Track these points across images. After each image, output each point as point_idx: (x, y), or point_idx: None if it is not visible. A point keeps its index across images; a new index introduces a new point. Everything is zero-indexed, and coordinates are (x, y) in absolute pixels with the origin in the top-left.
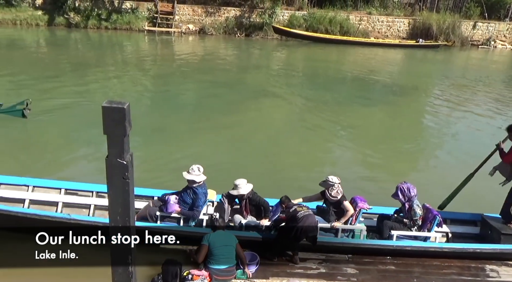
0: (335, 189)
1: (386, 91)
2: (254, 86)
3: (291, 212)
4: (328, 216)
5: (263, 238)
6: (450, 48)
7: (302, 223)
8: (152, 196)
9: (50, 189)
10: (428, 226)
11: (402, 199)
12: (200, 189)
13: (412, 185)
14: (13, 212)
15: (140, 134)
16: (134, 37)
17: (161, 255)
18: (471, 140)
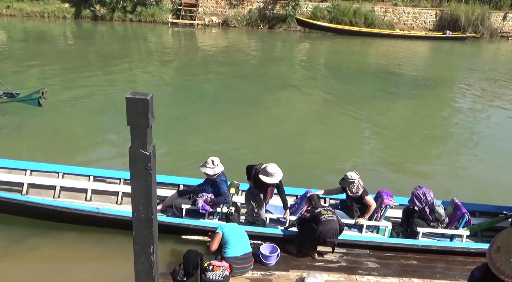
0: (355, 186)
1: (411, 84)
2: (277, 78)
3: (316, 213)
4: (352, 213)
5: (284, 234)
6: (478, 40)
7: (324, 227)
8: (178, 184)
9: (79, 176)
10: (455, 223)
11: (420, 205)
12: (219, 179)
13: (428, 189)
14: (44, 205)
15: (163, 124)
16: (158, 29)
17: (183, 246)
18: (499, 135)
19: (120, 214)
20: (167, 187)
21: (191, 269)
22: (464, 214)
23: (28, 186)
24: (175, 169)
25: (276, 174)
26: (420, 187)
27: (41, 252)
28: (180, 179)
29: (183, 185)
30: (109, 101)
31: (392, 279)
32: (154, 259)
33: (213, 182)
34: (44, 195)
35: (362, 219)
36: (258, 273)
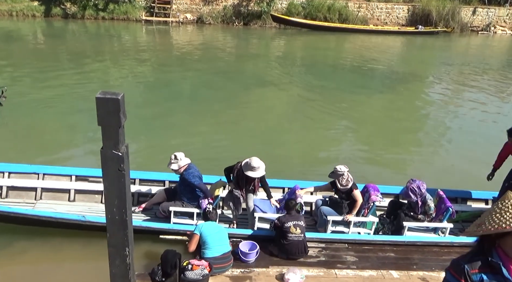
0: (345, 178)
1: (385, 78)
2: (253, 75)
3: (284, 228)
4: (340, 209)
5: (264, 234)
6: (449, 34)
7: (288, 246)
8: (163, 180)
9: (60, 176)
10: (440, 216)
11: (414, 198)
12: (186, 172)
13: (421, 181)
14: (28, 215)
15: (138, 122)
16: (131, 27)
17: (160, 246)
18: (471, 125)
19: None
20: (152, 184)
21: (169, 269)
22: (448, 208)
23: (8, 189)
24: (153, 167)
25: (260, 167)
26: (413, 180)
27: (28, 256)
28: (165, 175)
29: (169, 181)
30: (82, 100)
31: (371, 272)
32: (130, 261)
33: (183, 179)
34: (25, 197)
35: (350, 216)
36: (237, 270)
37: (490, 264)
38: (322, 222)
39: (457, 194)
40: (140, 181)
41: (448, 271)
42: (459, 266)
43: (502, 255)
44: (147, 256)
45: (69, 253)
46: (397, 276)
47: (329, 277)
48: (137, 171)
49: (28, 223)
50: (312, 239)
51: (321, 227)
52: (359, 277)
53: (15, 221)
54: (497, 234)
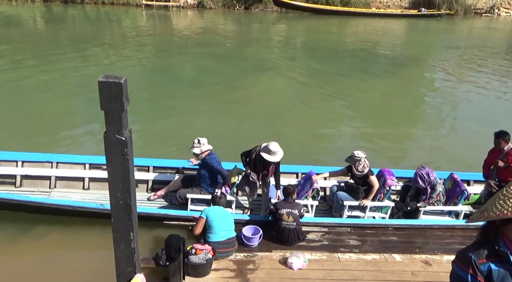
0: (361, 164)
1: (388, 62)
2: (255, 59)
3: (278, 215)
4: (356, 195)
5: (268, 220)
6: (453, 17)
7: (280, 233)
8: (177, 167)
9: (74, 165)
10: (454, 199)
11: (423, 185)
12: (209, 157)
13: (430, 168)
14: (46, 204)
15: (141, 107)
16: (131, 12)
17: (164, 231)
18: (476, 109)
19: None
20: (166, 171)
21: (173, 253)
22: (463, 191)
23: (21, 178)
24: (157, 153)
25: (278, 152)
26: (423, 167)
27: (47, 243)
28: (179, 162)
29: (183, 168)
30: (83, 85)
31: (373, 255)
32: (135, 245)
33: (205, 163)
34: (39, 186)
35: (366, 201)
36: (241, 254)
37: (497, 252)
38: (338, 207)
39: (469, 177)
40: (154, 168)
41: (455, 263)
42: (466, 257)
43: (509, 243)
44: (151, 241)
45: (89, 241)
46: (400, 260)
47: (332, 261)
48: (151, 159)
49: (46, 211)
50: (315, 223)
51: (337, 212)
52: (362, 261)
53: (31, 210)
54: (502, 221)
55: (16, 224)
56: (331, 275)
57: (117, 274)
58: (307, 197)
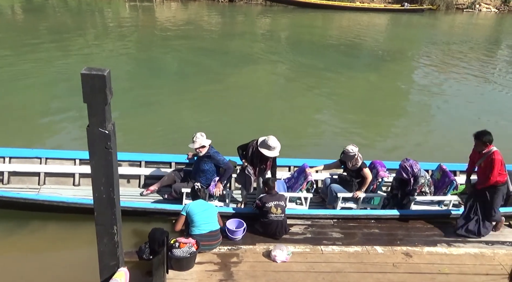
0: (355, 158)
1: (372, 56)
2: (239, 52)
3: (265, 208)
4: (350, 187)
5: (252, 213)
6: (435, 12)
7: (268, 227)
8: (170, 162)
9: (64, 160)
10: (444, 190)
11: (406, 177)
12: (212, 151)
13: (414, 161)
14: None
15: (125, 100)
16: (114, 4)
17: (148, 224)
18: (458, 101)
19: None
20: (158, 166)
21: (157, 246)
22: (452, 181)
23: (9, 175)
24: (143, 147)
25: (276, 147)
26: (407, 160)
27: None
28: (172, 157)
29: (175, 163)
30: (65, 77)
31: (356, 247)
32: (118, 239)
33: (208, 156)
34: (27, 182)
35: (359, 192)
36: (225, 248)
37: None
38: (332, 199)
39: (456, 168)
40: (146, 163)
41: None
42: None
43: None
44: (135, 235)
45: (82, 237)
46: (382, 252)
47: (315, 253)
48: (143, 153)
49: (38, 209)
50: (298, 215)
51: (331, 204)
52: (345, 253)
53: (22, 207)
54: None
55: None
56: (314, 267)
57: (100, 267)
58: (301, 190)
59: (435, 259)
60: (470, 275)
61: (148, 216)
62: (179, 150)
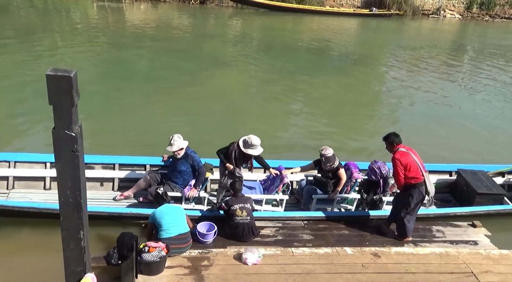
0: (332, 159)
1: (342, 60)
2: (210, 55)
3: (231, 211)
4: (326, 188)
5: (220, 215)
6: (402, 17)
7: (234, 230)
8: (144, 164)
9: (33, 164)
10: None
11: (375, 178)
12: (189, 151)
13: (382, 162)
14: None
15: (94, 103)
16: (82, 4)
17: (117, 229)
18: (424, 103)
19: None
20: (133, 168)
21: (126, 251)
22: None
23: None
24: (111, 150)
25: (259, 145)
26: (376, 162)
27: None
28: (146, 159)
29: (150, 166)
30: (30, 79)
31: (326, 249)
32: (85, 244)
33: (187, 157)
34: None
35: (334, 194)
36: (195, 251)
37: None
38: (307, 200)
39: (427, 168)
40: (120, 166)
41: None
42: None
43: None
44: (104, 240)
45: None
46: (351, 252)
47: (286, 255)
48: (117, 156)
49: (6, 214)
50: (269, 218)
51: (306, 205)
52: (315, 254)
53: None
54: None
55: None
56: (284, 269)
57: (66, 274)
58: (277, 192)
59: (402, 259)
60: (436, 274)
61: (117, 221)
62: (152, 152)
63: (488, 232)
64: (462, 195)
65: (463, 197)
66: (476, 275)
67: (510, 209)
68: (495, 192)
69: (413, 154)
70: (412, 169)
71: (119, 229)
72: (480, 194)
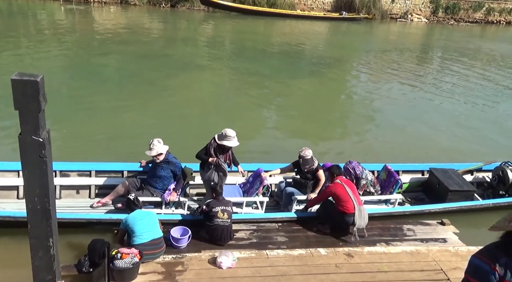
0: (310, 161)
1: (314, 63)
2: (182, 58)
3: (212, 213)
4: (305, 189)
5: (195, 219)
6: (371, 21)
7: (213, 232)
8: (121, 170)
9: (6, 172)
10: (390, 189)
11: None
12: (170, 156)
13: (357, 162)
14: None
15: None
16: (48, 7)
17: (88, 236)
18: (393, 105)
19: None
20: (110, 175)
21: (97, 258)
22: (397, 180)
23: None
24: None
25: (235, 136)
26: (350, 162)
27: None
28: (123, 165)
29: (127, 171)
30: None
31: (300, 250)
32: (54, 252)
33: (167, 162)
34: None
35: (313, 194)
36: (169, 256)
37: None
38: (287, 202)
39: (398, 168)
40: (97, 172)
41: (477, 257)
42: (489, 252)
43: None
44: (75, 248)
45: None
46: (325, 253)
47: (260, 258)
48: (93, 163)
49: None
50: (243, 220)
51: (286, 207)
52: (289, 256)
53: None
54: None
55: None
56: (259, 272)
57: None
58: (258, 194)
59: (375, 258)
60: (407, 272)
61: (89, 228)
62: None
63: (456, 229)
64: (435, 193)
65: (435, 195)
66: (446, 271)
67: (481, 205)
68: (465, 189)
69: (348, 187)
70: (343, 200)
71: (91, 236)
72: (452, 191)
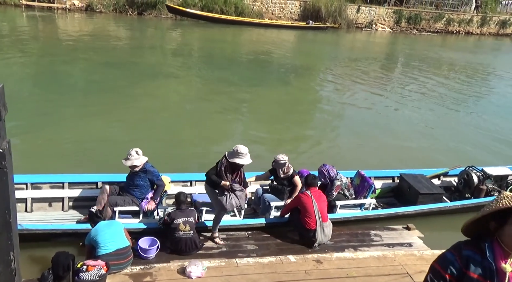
0: (286, 166)
1: (281, 71)
2: (149, 67)
3: (173, 225)
4: (282, 195)
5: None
6: (337, 30)
7: (176, 245)
8: (96, 181)
9: None
10: (364, 194)
11: (324, 181)
12: (148, 166)
13: (331, 166)
14: None
15: (23, 118)
16: (9, 13)
17: (52, 249)
18: (356, 112)
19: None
20: (83, 187)
21: (62, 272)
22: (371, 185)
23: None
24: (41, 167)
25: (247, 153)
26: (324, 165)
27: None
28: (98, 176)
29: (102, 182)
30: None
31: (270, 258)
32: (15, 266)
33: (144, 171)
34: None
35: (289, 200)
36: (137, 267)
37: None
38: (265, 208)
39: (371, 174)
40: (70, 184)
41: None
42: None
43: (497, 248)
44: (38, 261)
45: None
46: (294, 260)
47: (230, 267)
48: (66, 174)
49: None
50: None
51: (263, 213)
52: (259, 264)
53: None
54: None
55: None
56: (229, 280)
57: None
58: None
59: (343, 263)
60: (375, 276)
61: (53, 241)
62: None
63: (421, 234)
64: (406, 196)
65: (406, 199)
66: (411, 275)
67: (450, 207)
68: (435, 192)
69: (316, 201)
70: (307, 214)
71: (55, 249)
72: (422, 194)
